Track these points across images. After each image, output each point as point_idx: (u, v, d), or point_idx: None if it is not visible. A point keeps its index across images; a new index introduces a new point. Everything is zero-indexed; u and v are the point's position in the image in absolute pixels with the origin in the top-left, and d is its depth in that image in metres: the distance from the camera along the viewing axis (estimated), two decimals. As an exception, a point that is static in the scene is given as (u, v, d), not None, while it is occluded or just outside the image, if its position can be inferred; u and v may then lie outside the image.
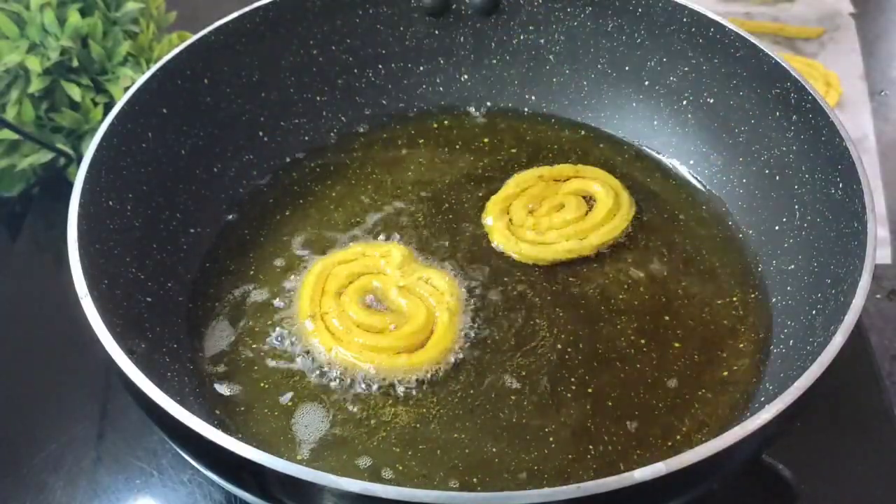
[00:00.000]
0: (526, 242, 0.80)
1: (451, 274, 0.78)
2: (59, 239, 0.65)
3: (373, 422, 0.69)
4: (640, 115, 0.91)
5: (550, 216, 0.82)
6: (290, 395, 0.71)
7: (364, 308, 0.75)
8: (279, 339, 0.74)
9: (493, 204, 0.84)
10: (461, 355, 0.73)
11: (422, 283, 0.77)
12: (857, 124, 1.08)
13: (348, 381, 0.71)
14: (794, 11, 1.25)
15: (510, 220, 0.83)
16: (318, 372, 0.71)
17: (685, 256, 0.81)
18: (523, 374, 0.72)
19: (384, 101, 0.95)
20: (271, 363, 0.73)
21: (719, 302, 0.77)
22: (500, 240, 0.81)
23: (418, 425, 0.68)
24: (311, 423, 0.69)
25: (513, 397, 0.70)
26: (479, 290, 0.77)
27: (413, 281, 0.77)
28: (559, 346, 0.73)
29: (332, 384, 0.71)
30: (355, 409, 0.69)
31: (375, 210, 0.85)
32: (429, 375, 0.71)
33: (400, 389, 0.70)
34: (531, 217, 0.83)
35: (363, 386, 0.70)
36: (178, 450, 0.61)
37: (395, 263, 0.78)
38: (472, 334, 0.74)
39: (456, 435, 0.68)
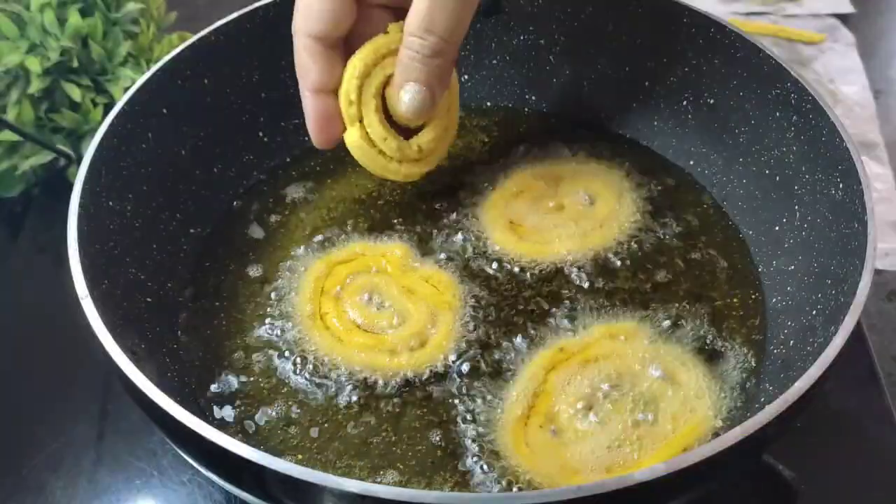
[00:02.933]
0: (525, 242, 0.80)
1: (451, 273, 0.78)
2: (59, 239, 0.65)
3: (373, 421, 0.69)
4: (640, 116, 0.91)
5: (550, 215, 0.82)
6: (290, 393, 0.71)
7: (364, 307, 0.75)
8: (280, 338, 0.74)
9: (493, 203, 0.84)
10: (463, 354, 0.73)
11: (422, 282, 0.77)
12: (858, 126, 1.08)
13: (348, 380, 0.71)
14: (795, 14, 1.25)
15: (510, 219, 0.83)
16: (318, 371, 0.71)
17: (685, 257, 0.81)
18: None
19: (384, 102, 0.95)
20: (272, 362, 0.73)
21: (719, 303, 0.77)
22: (500, 239, 0.81)
23: (418, 424, 0.68)
24: (310, 421, 0.69)
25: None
26: (480, 288, 0.77)
27: (413, 280, 0.77)
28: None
29: (332, 384, 0.71)
30: (356, 410, 0.69)
31: (375, 209, 0.85)
32: (430, 374, 0.71)
33: (401, 389, 0.70)
34: (531, 216, 0.83)
35: (364, 386, 0.70)
36: (178, 450, 0.61)
37: (395, 263, 0.78)
38: (474, 333, 0.74)
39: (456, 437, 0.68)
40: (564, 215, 0.82)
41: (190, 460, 0.61)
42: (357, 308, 0.74)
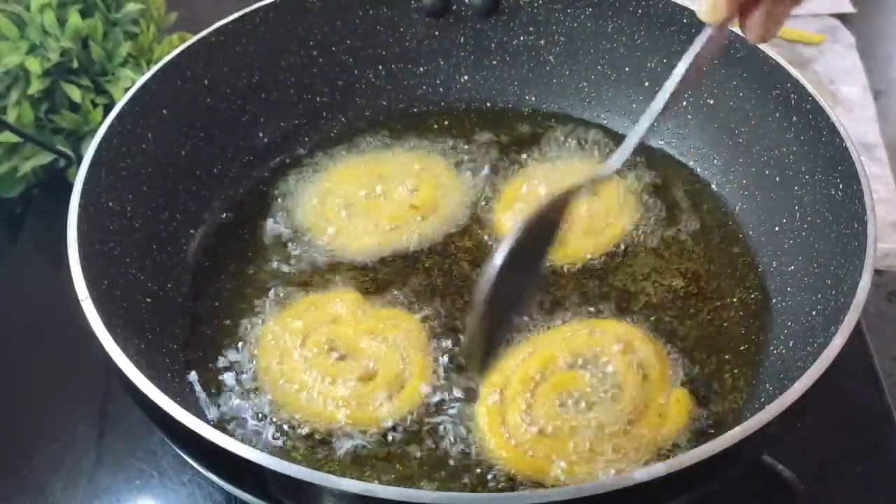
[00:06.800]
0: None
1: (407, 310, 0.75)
2: (59, 240, 0.65)
3: (367, 472, 0.66)
4: (640, 116, 0.91)
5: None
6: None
7: (332, 363, 0.71)
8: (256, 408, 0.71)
9: (501, 206, 0.84)
10: (440, 389, 0.70)
11: (383, 323, 0.74)
12: (858, 126, 1.08)
13: (334, 441, 0.68)
14: (795, 14, 1.24)
15: (511, 222, 0.83)
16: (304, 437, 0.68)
17: (685, 257, 0.81)
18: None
19: (384, 102, 0.95)
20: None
21: (719, 303, 0.77)
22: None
23: (420, 466, 0.67)
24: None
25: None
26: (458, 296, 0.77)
27: (374, 324, 0.74)
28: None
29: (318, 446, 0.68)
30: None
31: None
32: (413, 416, 0.69)
33: (389, 436, 0.68)
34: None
35: (352, 443, 0.68)
36: (179, 451, 0.61)
37: (350, 306, 0.75)
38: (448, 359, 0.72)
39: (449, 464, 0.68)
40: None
41: (190, 460, 0.61)
42: (324, 366, 0.70)
